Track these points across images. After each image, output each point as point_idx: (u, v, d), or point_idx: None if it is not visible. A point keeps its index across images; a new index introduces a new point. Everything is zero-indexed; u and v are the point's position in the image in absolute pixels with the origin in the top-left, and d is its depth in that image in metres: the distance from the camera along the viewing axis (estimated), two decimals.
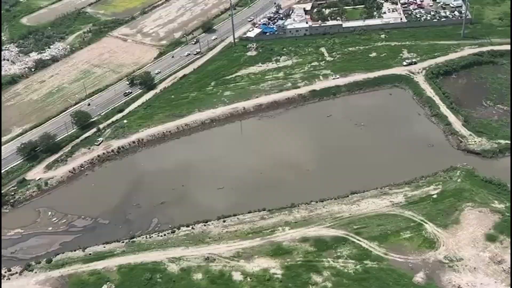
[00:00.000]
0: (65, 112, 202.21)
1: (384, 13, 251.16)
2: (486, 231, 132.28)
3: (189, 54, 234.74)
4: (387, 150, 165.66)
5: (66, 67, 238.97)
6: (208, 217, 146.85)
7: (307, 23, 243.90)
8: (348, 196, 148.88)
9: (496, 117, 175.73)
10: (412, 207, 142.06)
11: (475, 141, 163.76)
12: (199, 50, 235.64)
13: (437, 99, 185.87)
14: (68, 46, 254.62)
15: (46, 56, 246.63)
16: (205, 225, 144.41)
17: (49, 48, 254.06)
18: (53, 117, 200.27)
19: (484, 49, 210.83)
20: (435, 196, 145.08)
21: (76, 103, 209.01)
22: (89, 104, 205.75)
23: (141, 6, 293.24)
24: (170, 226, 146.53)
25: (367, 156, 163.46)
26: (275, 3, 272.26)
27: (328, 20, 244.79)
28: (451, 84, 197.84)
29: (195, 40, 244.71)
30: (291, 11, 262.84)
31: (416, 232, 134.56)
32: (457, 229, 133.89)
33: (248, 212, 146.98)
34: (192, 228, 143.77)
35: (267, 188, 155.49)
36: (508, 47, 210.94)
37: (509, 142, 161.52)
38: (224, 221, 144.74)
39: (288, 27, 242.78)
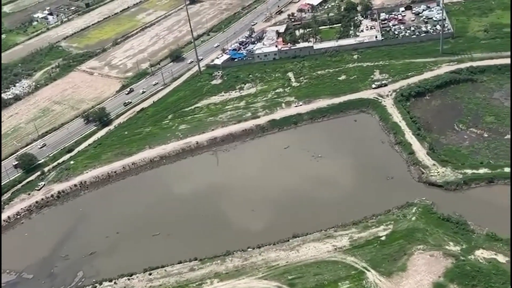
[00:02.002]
0: (13, 155, 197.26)
1: (362, 31, 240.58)
2: (434, 280, 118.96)
3: (156, 83, 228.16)
4: (341, 185, 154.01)
5: (27, 105, 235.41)
6: (135, 269, 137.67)
7: (276, 46, 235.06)
8: (288, 240, 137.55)
9: (467, 143, 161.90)
10: (356, 252, 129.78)
11: (438, 172, 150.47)
12: (156, 82, 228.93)
13: (403, 125, 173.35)
14: (33, 83, 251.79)
15: (9, 95, 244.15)
16: (129, 279, 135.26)
17: (14, 86, 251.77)
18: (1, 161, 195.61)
19: (463, 65, 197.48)
20: (383, 238, 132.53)
21: (27, 144, 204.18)
22: (43, 145, 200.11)
23: (115, 37, 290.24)
24: (94, 280, 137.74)
25: (318, 192, 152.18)
26: (252, 26, 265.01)
27: (299, 43, 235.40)
28: (423, 106, 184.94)
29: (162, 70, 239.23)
30: (264, 35, 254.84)
31: (355, 282, 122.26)
32: (402, 278, 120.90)
33: (178, 263, 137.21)
34: (115, 283, 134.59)
35: (206, 234, 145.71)
36: (489, 62, 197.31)
37: (476, 172, 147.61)
38: (150, 274, 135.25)
39: (256, 51, 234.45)
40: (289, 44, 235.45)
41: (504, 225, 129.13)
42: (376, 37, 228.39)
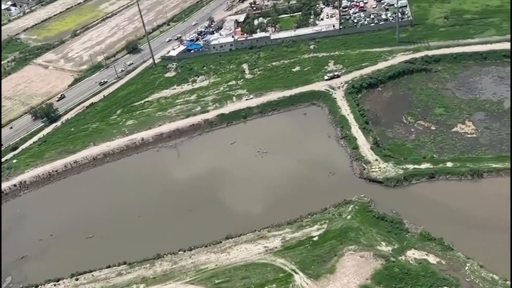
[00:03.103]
0: None
1: (322, 19, 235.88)
2: (361, 282, 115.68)
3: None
4: (281, 182, 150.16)
5: None
6: (64, 274, 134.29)
7: (233, 37, 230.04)
8: (221, 242, 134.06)
9: (414, 136, 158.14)
10: (287, 254, 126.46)
11: (379, 168, 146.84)
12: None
13: (351, 118, 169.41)
14: None
15: None
16: (55, 285, 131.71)
17: None
18: None
19: (418, 55, 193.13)
20: (316, 238, 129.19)
21: None
22: None
23: (75, 29, 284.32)
24: (21, 286, 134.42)
25: (257, 191, 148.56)
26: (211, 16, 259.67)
27: (256, 33, 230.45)
28: (374, 98, 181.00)
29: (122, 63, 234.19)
30: (223, 24, 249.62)
31: (282, 286, 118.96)
32: (329, 280, 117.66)
33: (107, 267, 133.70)
34: None
35: (140, 236, 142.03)
36: (446, 50, 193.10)
37: (418, 167, 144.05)
38: (76, 279, 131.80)
39: (212, 42, 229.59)
40: (245, 34, 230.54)
41: (440, 224, 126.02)
42: (333, 26, 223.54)
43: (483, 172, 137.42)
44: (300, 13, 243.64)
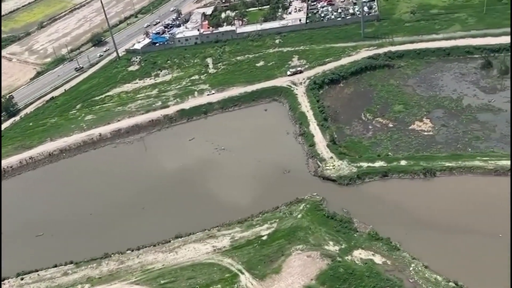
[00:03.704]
0: None
1: (290, 13, 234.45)
2: (306, 283, 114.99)
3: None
4: (236, 180, 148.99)
5: None
6: (10, 273, 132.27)
7: (198, 30, 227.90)
8: (170, 241, 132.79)
9: (371, 134, 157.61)
10: (235, 253, 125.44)
11: (333, 165, 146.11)
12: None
13: (310, 115, 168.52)
14: None
15: None
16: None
17: None
18: None
19: (382, 50, 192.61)
20: (265, 237, 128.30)
21: None
22: None
23: (42, 20, 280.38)
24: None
25: (211, 188, 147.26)
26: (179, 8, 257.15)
27: (222, 26, 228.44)
28: (335, 94, 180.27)
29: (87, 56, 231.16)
30: (190, 17, 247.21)
31: (227, 286, 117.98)
32: (274, 281, 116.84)
33: (53, 266, 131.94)
34: None
35: (89, 234, 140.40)
36: (409, 46, 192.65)
37: (372, 165, 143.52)
38: (22, 279, 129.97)
39: (178, 36, 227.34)
40: (211, 27, 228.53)
41: (389, 223, 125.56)
42: (300, 20, 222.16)
43: (436, 171, 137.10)
44: (268, 6, 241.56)
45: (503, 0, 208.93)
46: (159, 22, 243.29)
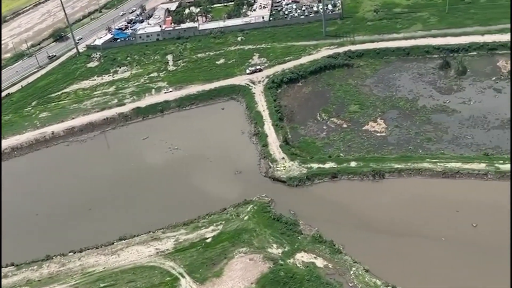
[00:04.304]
0: None
1: (254, 10, 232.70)
2: (246, 286, 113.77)
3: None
4: (187, 181, 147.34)
5: None
6: None
7: (160, 26, 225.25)
8: (113, 243, 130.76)
9: (324, 134, 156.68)
10: (177, 256, 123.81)
11: (284, 167, 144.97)
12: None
13: (266, 114, 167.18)
14: None
15: None
16: None
17: None
18: None
19: (342, 49, 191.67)
20: (209, 240, 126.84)
21: None
22: None
23: (5, 15, 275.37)
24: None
25: (161, 189, 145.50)
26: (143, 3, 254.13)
27: (185, 22, 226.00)
28: (293, 93, 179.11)
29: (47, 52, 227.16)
30: (154, 13, 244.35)
31: None
32: (214, 284, 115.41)
33: None
34: None
35: (35, 235, 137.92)
36: (370, 45, 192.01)
37: (322, 166, 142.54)
38: None
39: (139, 32, 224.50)
40: (173, 24, 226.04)
41: (335, 225, 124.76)
42: (263, 17, 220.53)
43: (385, 172, 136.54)
44: (233, 3, 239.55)
45: None
46: (125, 14, 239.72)
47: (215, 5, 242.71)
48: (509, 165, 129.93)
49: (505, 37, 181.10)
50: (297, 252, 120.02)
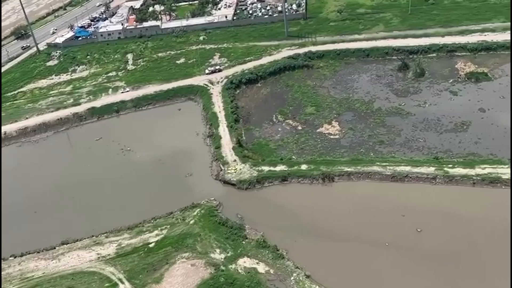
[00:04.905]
0: None
1: (219, 9, 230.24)
2: None
3: None
4: (136, 183, 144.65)
5: None
6: None
7: (122, 24, 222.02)
8: (55, 248, 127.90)
9: (279, 136, 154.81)
10: (119, 261, 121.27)
11: (235, 169, 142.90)
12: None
13: (221, 115, 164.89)
14: None
15: None
16: None
17: None
18: None
19: (302, 50, 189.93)
20: (152, 245, 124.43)
21: None
22: None
23: None
24: None
25: (108, 192, 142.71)
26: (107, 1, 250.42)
27: (147, 21, 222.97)
28: (252, 94, 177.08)
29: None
30: (118, 10, 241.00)
31: None
32: None
33: None
34: None
35: None
36: (331, 46, 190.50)
37: (273, 169, 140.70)
38: None
39: (100, 30, 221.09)
40: (135, 22, 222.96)
41: (281, 229, 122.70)
42: (226, 17, 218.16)
43: (335, 175, 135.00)
44: (198, 1, 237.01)
45: (430, 0, 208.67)
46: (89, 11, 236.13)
47: (180, 4, 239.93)
48: (457, 169, 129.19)
49: (465, 39, 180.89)
50: (240, 257, 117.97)
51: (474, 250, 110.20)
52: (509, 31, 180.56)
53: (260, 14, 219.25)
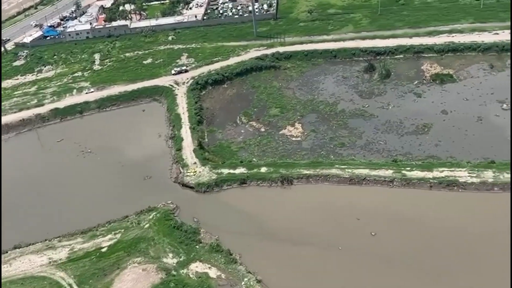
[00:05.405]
0: None
1: (190, 8, 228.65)
2: None
3: None
4: (94, 186, 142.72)
5: None
6: None
7: (91, 24, 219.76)
8: (7, 252, 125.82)
9: (241, 138, 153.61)
10: (69, 266, 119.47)
11: (194, 172, 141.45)
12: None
13: (185, 117, 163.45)
14: None
15: None
16: None
17: None
18: None
19: (270, 51, 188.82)
20: (104, 249, 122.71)
21: None
22: None
23: None
24: None
25: (65, 196, 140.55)
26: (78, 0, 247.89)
27: (116, 20, 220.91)
28: (217, 95, 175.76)
29: None
30: (87, 10, 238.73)
31: None
32: None
33: None
34: None
35: None
36: (299, 47, 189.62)
37: (232, 172, 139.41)
38: None
39: (69, 30, 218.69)
40: (104, 22, 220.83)
41: (236, 233, 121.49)
42: (195, 16, 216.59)
43: (293, 178, 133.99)
44: (169, 0, 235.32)
45: (400, 0, 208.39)
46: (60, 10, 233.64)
47: (152, 3, 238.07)
48: (415, 172, 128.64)
49: (432, 40, 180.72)
50: (193, 262, 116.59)
51: (428, 253, 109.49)
52: (477, 32, 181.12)
53: (230, 14, 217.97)
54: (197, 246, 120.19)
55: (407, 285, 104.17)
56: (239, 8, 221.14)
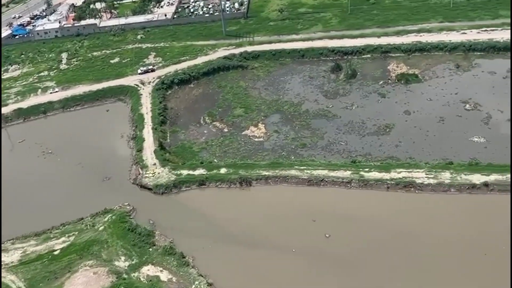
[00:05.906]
0: None
1: (162, 7, 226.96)
2: None
3: None
4: (51, 187, 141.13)
5: None
6: None
7: (60, 23, 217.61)
8: None
9: (204, 139, 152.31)
10: (20, 269, 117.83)
11: (153, 173, 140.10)
12: None
13: (148, 117, 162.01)
14: None
15: None
16: None
17: None
18: None
19: (238, 50, 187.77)
20: (57, 252, 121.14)
21: None
22: None
23: None
24: None
25: (21, 197, 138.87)
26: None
27: (85, 19, 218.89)
28: (183, 95, 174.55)
29: None
30: (58, 8, 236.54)
31: None
32: None
33: None
34: None
35: None
36: (267, 46, 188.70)
37: (192, 173, 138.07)
38: None
39: (37, 28, 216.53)
40: (73, 20, 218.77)
41: (192, 236, 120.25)
42: (165, 15, 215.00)
43: (252, 180, 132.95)
44: None
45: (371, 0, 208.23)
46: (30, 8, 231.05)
47: (123, 1, 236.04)
48: (373, 173, 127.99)
49: (400, 39, 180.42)
50: (144, 265, 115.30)
51: (381, 255, 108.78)
52: (445, 32, 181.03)
53: (201, 12, 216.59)
54: (151, 249, 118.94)
55: (359, 286, 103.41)
56: (210, 6, 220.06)
